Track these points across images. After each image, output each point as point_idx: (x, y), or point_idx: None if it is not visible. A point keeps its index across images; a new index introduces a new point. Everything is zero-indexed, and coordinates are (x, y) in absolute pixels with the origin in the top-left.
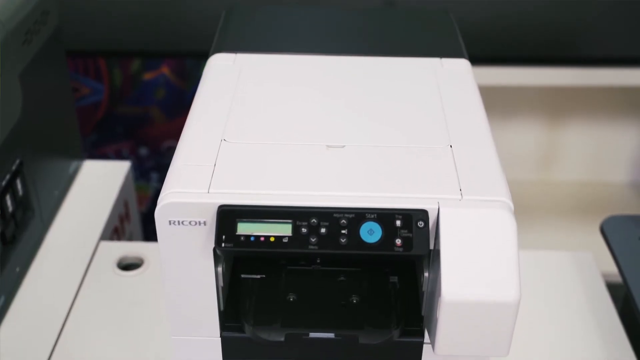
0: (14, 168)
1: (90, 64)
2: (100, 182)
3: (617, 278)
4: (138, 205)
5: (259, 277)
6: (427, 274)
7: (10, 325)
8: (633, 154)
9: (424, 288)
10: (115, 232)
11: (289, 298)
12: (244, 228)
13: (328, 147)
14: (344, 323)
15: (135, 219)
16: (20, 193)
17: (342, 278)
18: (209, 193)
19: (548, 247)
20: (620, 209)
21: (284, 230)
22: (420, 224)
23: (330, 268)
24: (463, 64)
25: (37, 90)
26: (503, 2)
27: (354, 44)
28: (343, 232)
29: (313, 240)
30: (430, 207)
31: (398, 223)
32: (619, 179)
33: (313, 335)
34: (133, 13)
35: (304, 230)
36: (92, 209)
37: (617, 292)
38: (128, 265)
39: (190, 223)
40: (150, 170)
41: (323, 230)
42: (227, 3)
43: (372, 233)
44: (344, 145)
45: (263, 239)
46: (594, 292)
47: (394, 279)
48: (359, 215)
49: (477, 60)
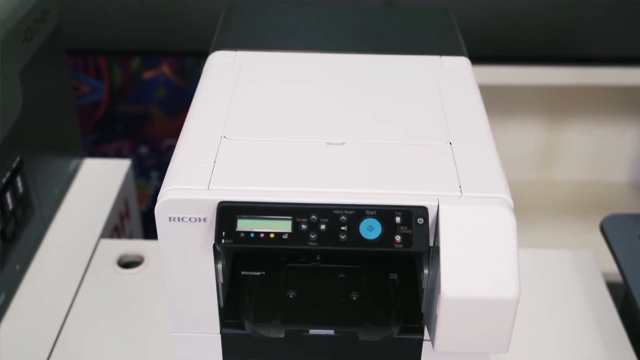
0: (14, 166)
1: (91, 63)
2: (101, 180)
3: (617, 277)
4: (138, 204)
5: (259, 274)
6: (426, 271)
7: (11, 323)
8: (633, 154)
9: (424, 285)
10: (116, 230)
11: (289, 295)
12: (244, 224)
13: (328, 144)
14: (344, 320)
15: (136, 218)
16: (21, 191)
17: (341, 275)
18: (209, 189)
19: (548, 246)
20: (620, 209)
21: (284, 227)
22: (420, 221)
23: (330, 265)
24: (463, 62)
25: (37, 88)
26: (503, 1)
27: (354, 42)
28: (343, 228)
29: (313, 237)
30: (430, 203)
31: (398, 220)
32: (619, 179)
33: (313, 332)
34: (133, 12)
35: (304, 227)
36: (92, 207)
37: (617, 290)
38: (128, 263)
39: (190, 219)
40: (150, 169)
41: (323, 227)
42: (227, 1)
43: (371, 230)
44: (344, 143)
45: (263, 236)
46: (594, 290)
47: (394, 276)
48: (359, 212)
49: (477, 60)
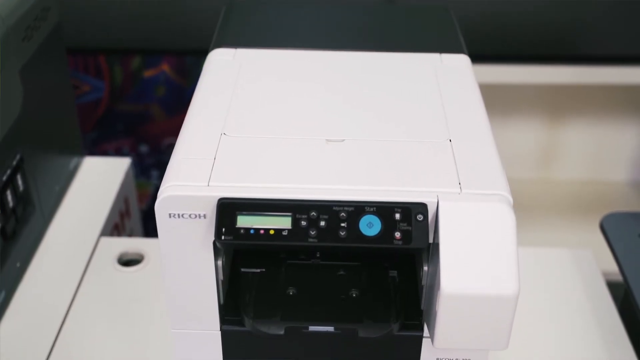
0: (15, 163)
1: (91, 62)
2: (101, 178)
3: (617, 276)
4: (138, 203)
5: (259, 270)
6: (426, 268)
7: (11, 321)
8: (633, 153)
9: (423, 282)
10: (116, 228)
11: (289, 292)
12: (244, 221)
13: (328, 141)
14: (344, 316)
15: (136, 216)
16: (21, 188)
17: (341, 272)
18: (209, 186)
19: (548, 245)
20: (620, 208)
21: (284, 223)
22: (420, 217)
23: (330, 262)
24: (463, 60)
25: (37, 87)
26: (503, 0)
27: (354, 39)
28: (342, 225)
29: (312, 233)
30: (430, 200)
31: (397, 216)
32: (619, 178)
33: (313, 329)
34: (133, 11)
35: (304, 223)
36: (92, 205)
37: (617, 289)
38: (128, 261)
39: (190, 216)
40: (151, 168)
41: (322, 223)
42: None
43: (371, 226)
44: (344, 139)
45: (263, 232)
46: (594, 289)
47: (394, 273)
48: (359, 209)
49: (477, 58)
